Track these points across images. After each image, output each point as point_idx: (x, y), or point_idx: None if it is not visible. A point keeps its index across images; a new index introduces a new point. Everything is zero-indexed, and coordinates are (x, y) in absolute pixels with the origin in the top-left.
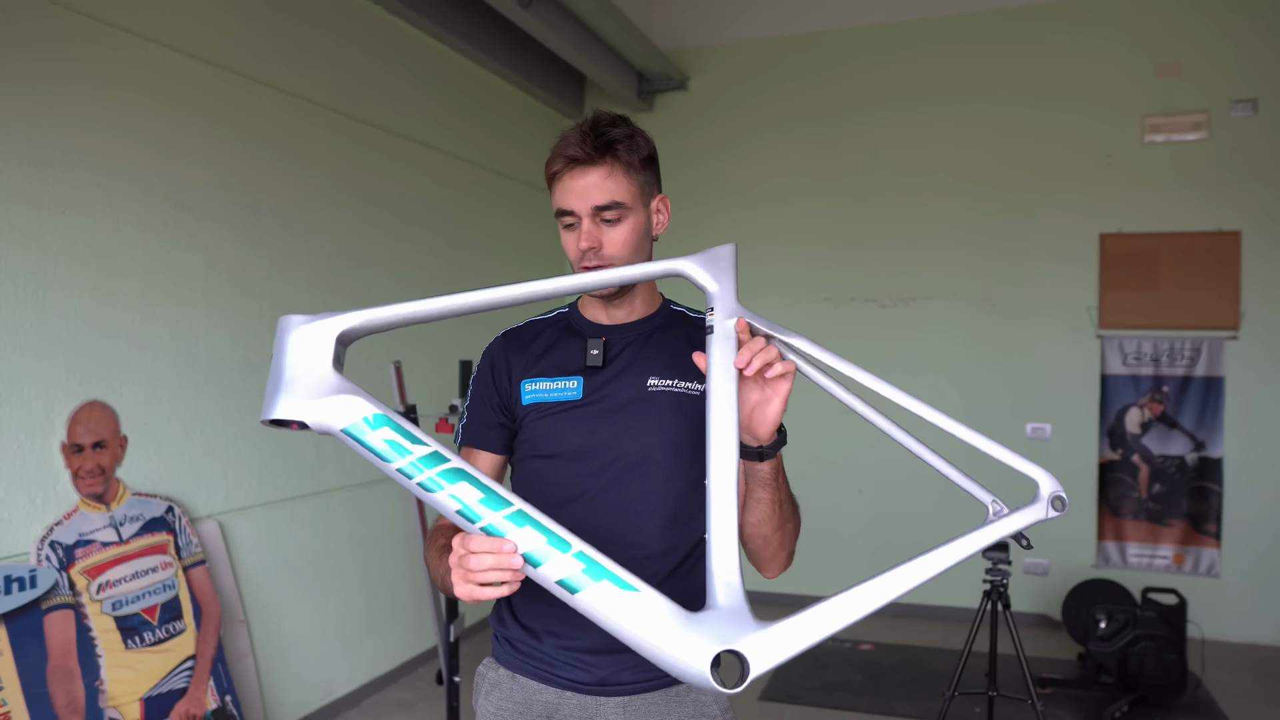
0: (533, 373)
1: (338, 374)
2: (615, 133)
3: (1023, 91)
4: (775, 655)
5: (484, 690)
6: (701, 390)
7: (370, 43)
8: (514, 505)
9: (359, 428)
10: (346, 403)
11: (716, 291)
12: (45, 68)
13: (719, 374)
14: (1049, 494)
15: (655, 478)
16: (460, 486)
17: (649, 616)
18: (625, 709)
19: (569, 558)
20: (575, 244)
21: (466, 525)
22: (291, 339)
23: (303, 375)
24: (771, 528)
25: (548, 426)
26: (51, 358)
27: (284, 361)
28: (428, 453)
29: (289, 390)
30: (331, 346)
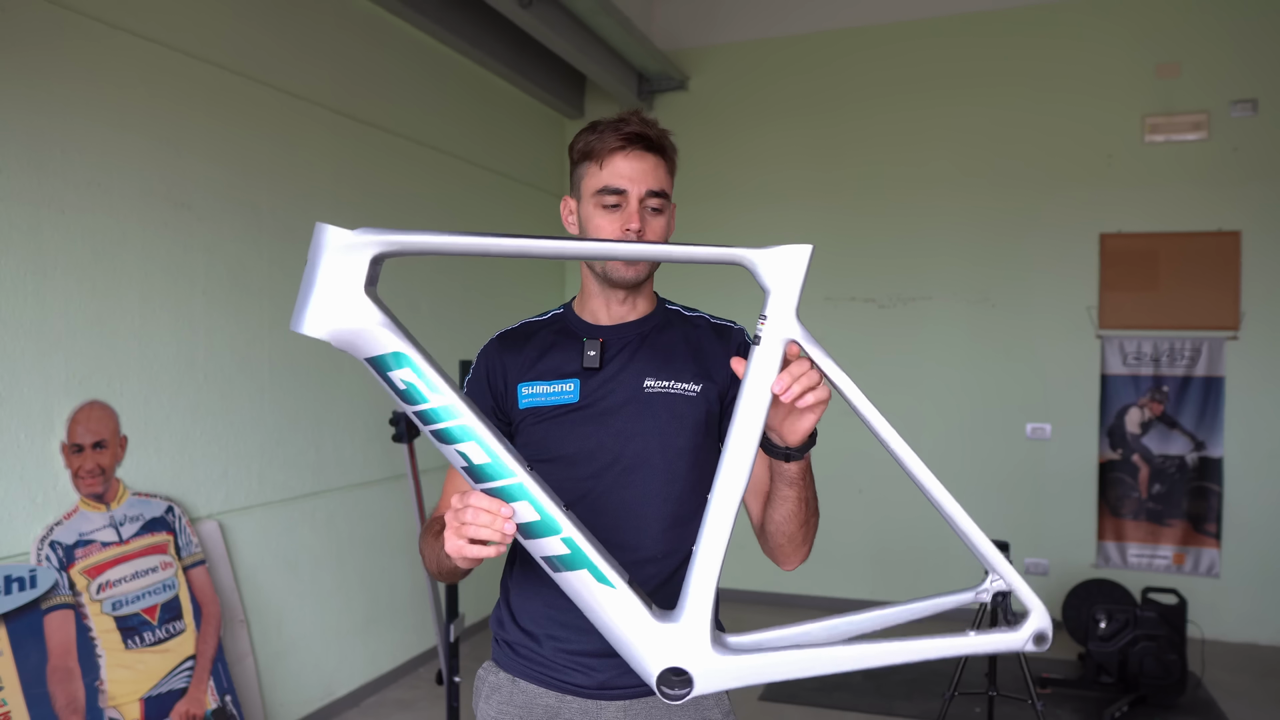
0: (529, 376)
1: (370, 299)
2: (664, 129)
3: (1023, 91)
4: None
5: (484, 694)
6: (697, 391)
7: (370, 43)
8: (516, 477)
9: (383, 361)
10: (375, 333)
11: (777, 297)
12: (45, 66)
13: (752, 391)
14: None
15: (654, 480)
16: (470, 445)
17: (618, 614)
18: (626, 713)
19: (556, 540)
20: (619, 225)
21: (470, 482)
22: (327, 252)
23: (335, 293)
24: (796, 524)
25: (545, 430)
26: (51, 358)
27: (316, 275)
28: (443, 404)
29: (320, 306)
30: (366, 267)
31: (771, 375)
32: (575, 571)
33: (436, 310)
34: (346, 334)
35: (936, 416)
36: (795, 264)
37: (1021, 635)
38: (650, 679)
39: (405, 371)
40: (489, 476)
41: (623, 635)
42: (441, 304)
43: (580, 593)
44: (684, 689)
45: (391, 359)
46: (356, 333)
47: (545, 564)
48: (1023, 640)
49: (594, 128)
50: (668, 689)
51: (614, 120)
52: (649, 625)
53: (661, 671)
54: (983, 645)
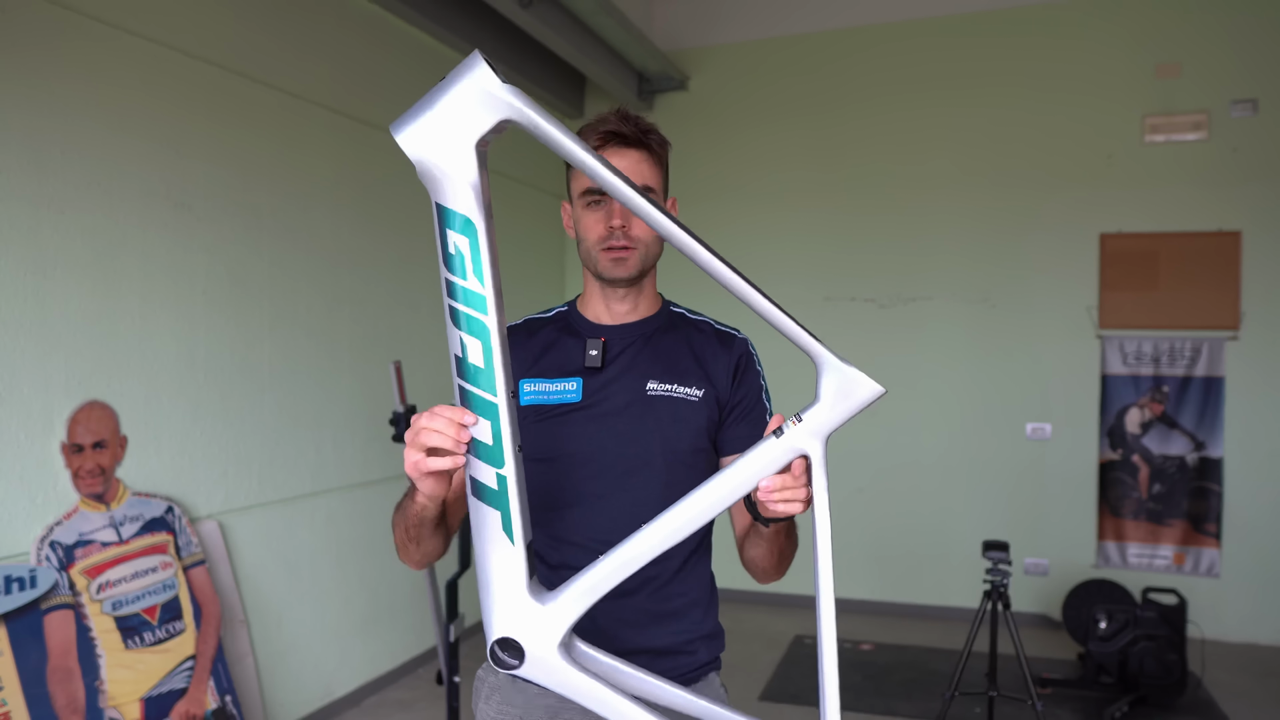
0: (531, 373)
1: (476, 152)
2: (646, 123)
3: (1023, 91)
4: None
5: (484, 694)
6: (700, 396)
7: (370, 43)
8: (496, 396)
9: (450, 215)
10: (460, 187)
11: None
12: (45, 67)
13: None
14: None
15: (653, 483)
16: (474, 342)
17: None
18: None
19: (492, 472)
20: (604, 222)
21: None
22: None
23: (449, 126)
24: (770, 564)
25: (546, 429)
26: (51, 358)
27: (444, 99)
28: (476, 291)
29: (428, 128)
30: (492, 121)
31: (772, 468)
32: (489, 508)
33: (436, 311)
34: (435, 169)
35: (936, 416)
36: (858, 392)
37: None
38: (491, 636)
39: (463, 240)
40: (473, 381)
41: (492, 589)
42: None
43: (481, 529)
44: (514, 662)
45: (458, 218)
46: (445, 175)
47: (470, 484)
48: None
49: (579, 131)
50: (500, 653)
51: (596, 119)
52: (519, 592)
53: (504, 636)
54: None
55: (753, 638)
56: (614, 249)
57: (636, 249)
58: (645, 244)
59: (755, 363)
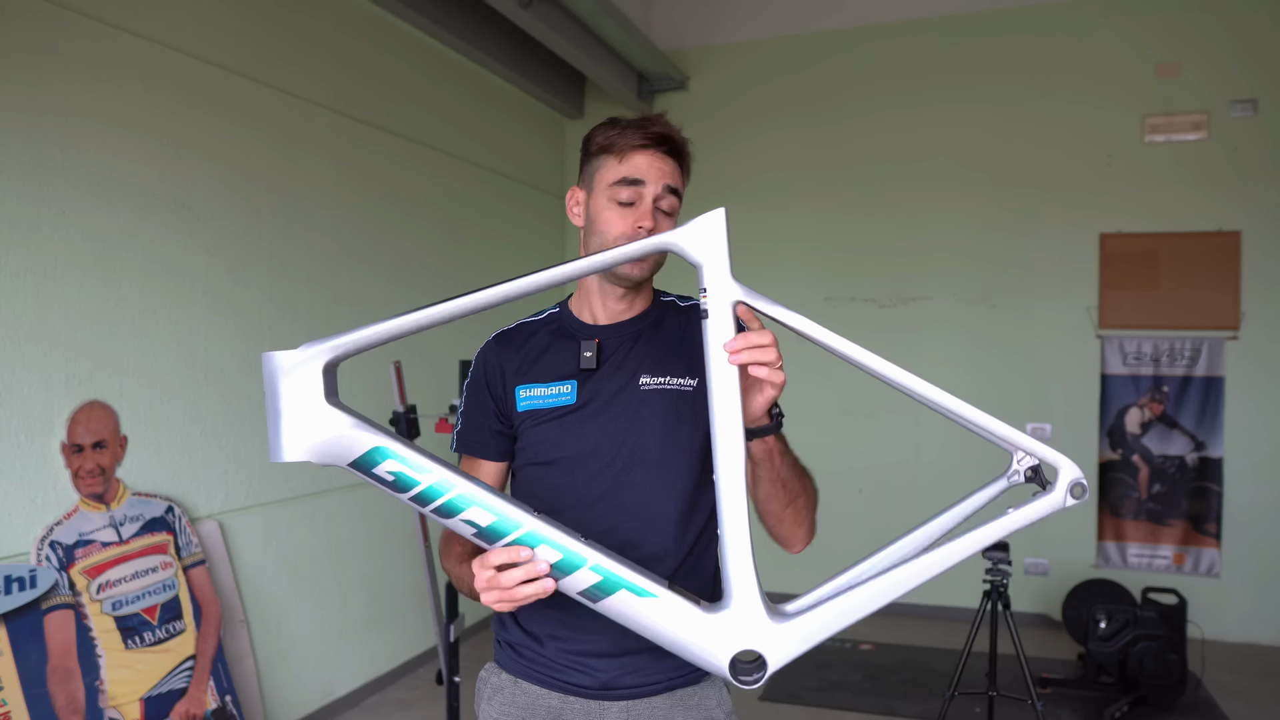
0: (526, 378)
1: (333, 406)
2: (685, 137)
3: (1023, 91)
4: (790, 651)
5: (486, 696)
6: (694, 386)
7: (370, 43)
8: (524, 526)
9: (364, 461)
10: (348, 438)
11: (709, 266)
12: (45, 67)
13: (718, 364)
14: (1070, 481)
15: (655, 477)
16: (473, 511)
17: (670, 620)
18: (629, 713)
19: (586, 572)
20: (631, 220)
21: (484, 545)
22: (280, 378)
23: (299, 414)
24: (779, 504)
25: (544, 433)
26: (51, 358)
27: (278, 402)
28: (435, 481)
29: (289, 431)
30: (320, 379)
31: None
32: (615, 595)
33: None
34: (323, 447)
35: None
36: (714, 230)
37: (1058, 494)
38: (723, 671)
39: (389, 463)
40: (502, 533)
41: (681, 638)
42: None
43: (627, 614)
44: (758, 671)
45: (373, 455)
46: (332, 442)
47: (584, 598)
48: (1061, 498)
49: (615, 123)
50: (744, 676)
51: (639, 119)
52: (704, 620)
53: (731, 660)
54: (1027, 516)
55: None
56: None
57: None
58: None
59: None
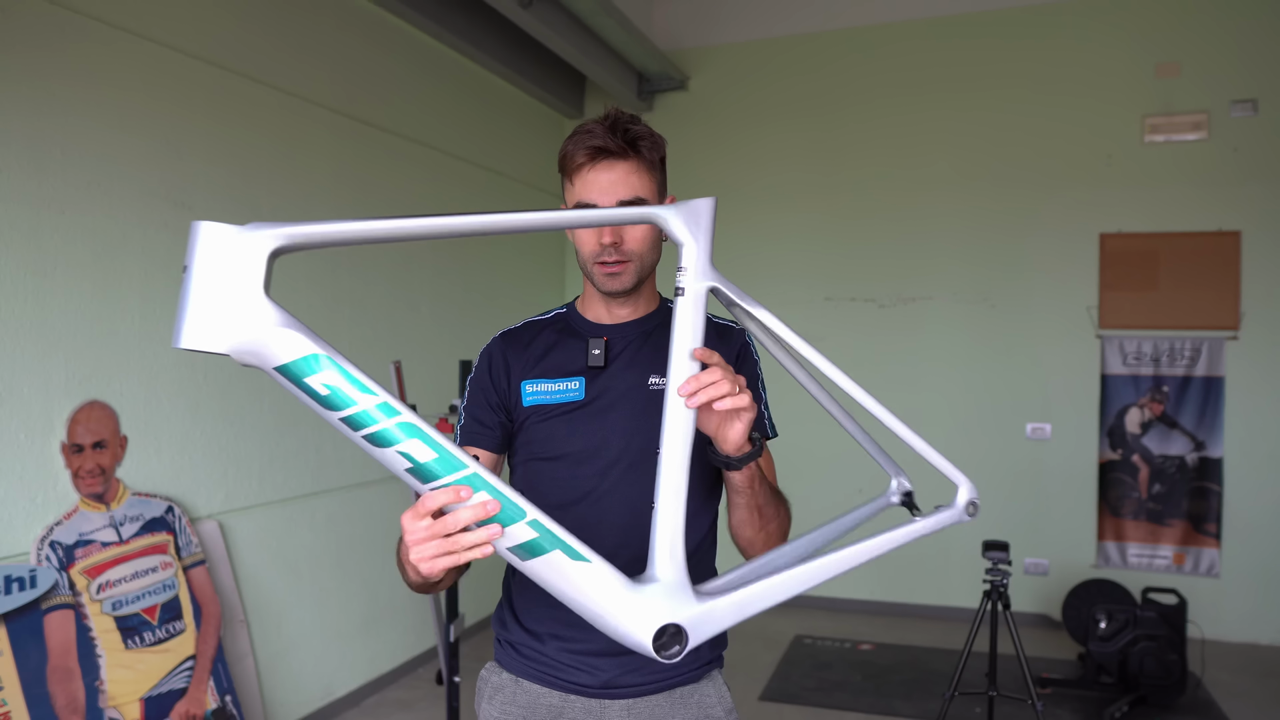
0: (533, 374)
1: (270, 301)
2: (637, 129)
3: (1022, 91)
4: (710, 628)
5: (486, 695)
6: None
7: (370, 43)
8: (469, 468)
9: (294, 368)
10: (281, 338)
11: (690, 248)
12: (45, 67)
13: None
14: (965, 500)
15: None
16: (413, 444)
17: (596, 587)
18: (630, 711)
19: (523, 526)
20: (595, 238)
21: (417, 485)
22: (212, 251)
23: (229, 298)
24: (752, 530)
25: (551, 428)
26: (51, 358)
27: (207, 278)
28: (377, 403)
29: (208, 314)
30: (264, 265)
31: (700, 328)
32: (547, 555)
33: (436, 311)
34: (251, 343)
35: (936, 417)
36: (701, 217)
37: (958, 509)
38: (644, 647)
39: (325, 375)
40: (440, 473)
41: (604, 610)
42: (442, 305)
43: (553, 577)
44: (676, 645)
45: (308, 363)
46: (261, 340)
47: (513, 555)
48: (959, 512)
49: (571, 135)
50: (663, 650)
51: (583, 131)
52: (628, 593)
53: (654, 634)
54: (930, 526)
55: (753, 638)
56: (607, 264)
57: (631, 262)
58: (640, 255)
59: (753, 353)
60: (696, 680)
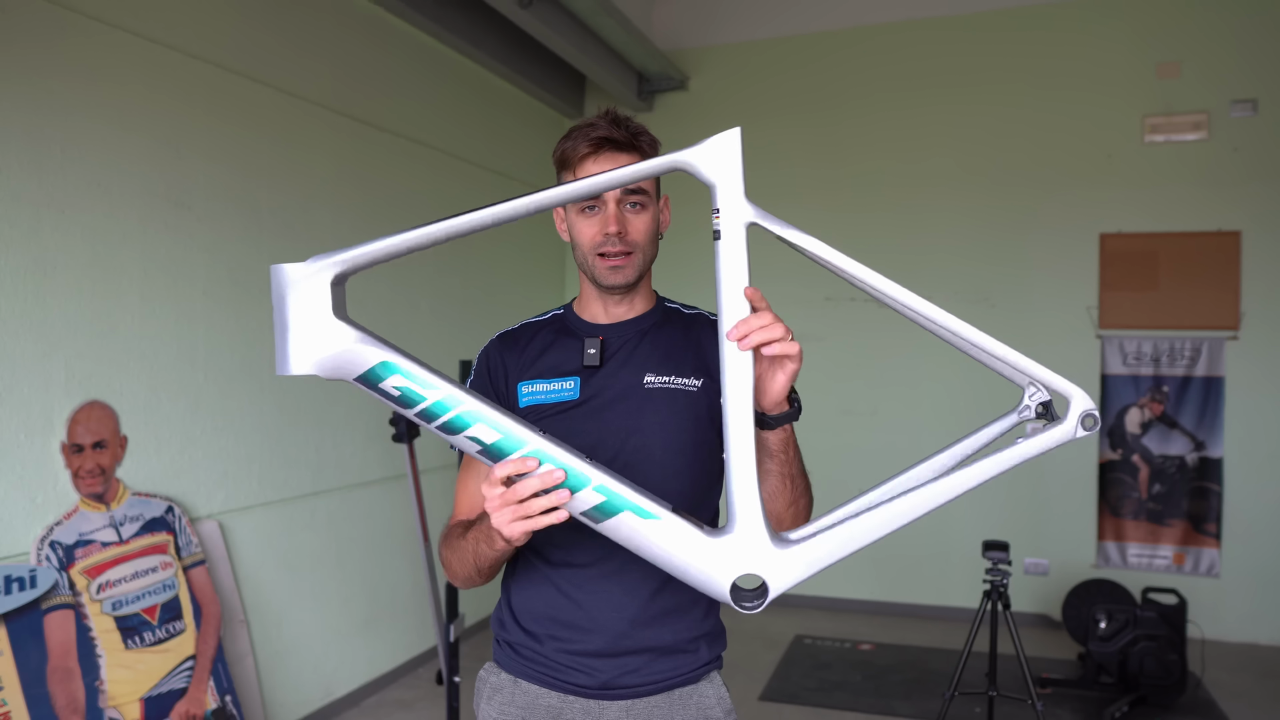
0: (529, 375)
1: (340, 320)
2: (637, 125)
3: (1022, 91)
4: (793, 576)
5: (485, 695)
6: (698, 386)
7: (370, 43)
8: (530, 444)
9: (371, 375)
10: (355, 352)
11: (723, 187)
12: (45, 66)
13: (729, 285)
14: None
15: (655, 476)
16: (478, 428)
17: (672, 542)
18: (629, 712)
19: (590, 492)
20: (599, 229)
21: (487, 463)
22: (289, 291)
23: (306, 327)
24: (784, 503)
25: (546, 428)
26: (51, 358)
27: (286, 314)
28: (440, 397)
29: (297, 344)
30: (329, 292)
31: (743, 268)
32: (618, 516)
33: (437, 310)
34: (330, 360)
35: (936, 416)
36: (729, 150)
37: (1069, 424)
38: (724, 596)
39: (395, 378)
40: (507, 450)
41: (683, 561)
42: (441, 304)
43: (629, 536)
44: (758, 598)
45: (380, 370)
46: (339, 356)
47: (586, 519)
48: (1072, 428)
49: (569, 134)
50: (745, 602)
51: (584, 125)
52: (706, 544)
53: (732, 585)
54: (1037, 446)
55: (753, 638)
56: (610, 255)
57: (634, 254)
58: (642, 248)
59: None
60: (695, 681)
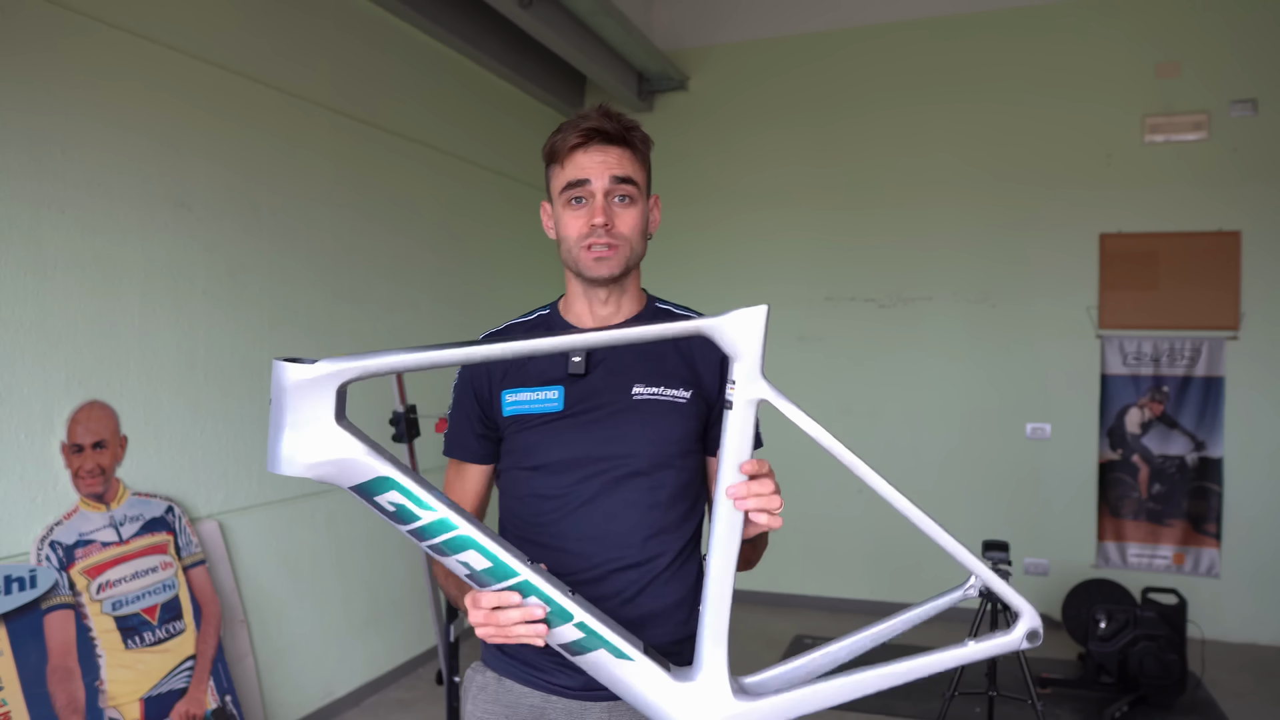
0: (513, 382)
1: (341, 428)
2: (629, 120)
3: (1022, 91)
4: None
5: (471, 694)
6: (687, 398)
7: (370, 43)
8: (519, 575)
9: (368, 488)
10: (356, 463)
11: (741, 362)
12: (45, 66)
13: (731, 455)
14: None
15: (639, 488)
16: (469, 554)
17: (639, 684)
18: (611, 713)
19: (570, 627)
20: (585, 220)
21: (474, 587)
22: (290, 391)
23: (306, 431)
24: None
25: (530, 438)
26: (51, 358)
27: (284, 415)
28: (435, 519)
29: (292, 445)
30: (333, 399)
31: (748, 439)
32: (594, 653)
33: (437, 310)
34: (328, 467)
35: (936, 416)
36: (753, 326)
37: (1016, 635)
38: None
39: (393, 494)
40: (495, 579)
41: (648, 702)
42: (441, 303)
43: (601, 670)
44: None
45: (378, 484)
46: (338, 464)
47: (564, 650)
48: (1018, 640)
49: (558, 128)
50: None
51: (575, 118)
52: (671, 689)
53: None
54: (983, 651)
55: (753, 638)
56: (596, 246)
57: (620, 246)
58: (629, 241)
59: None
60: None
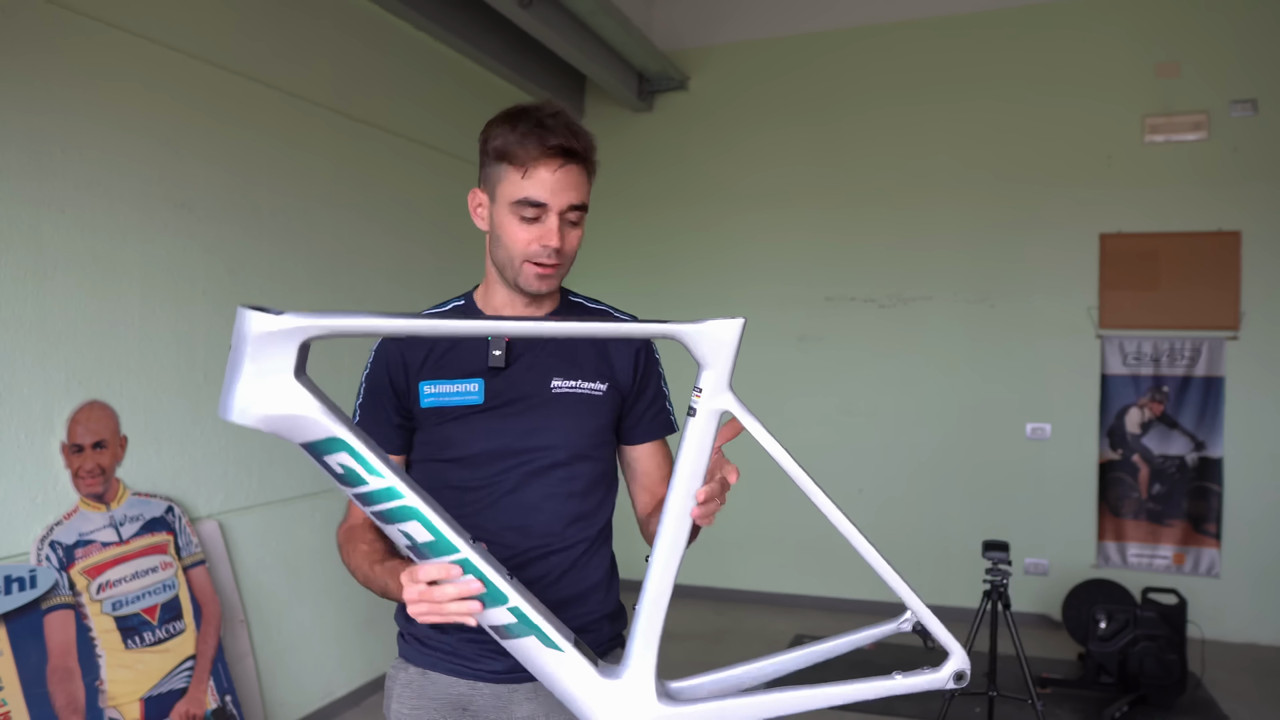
0: (431, 374)
1: (300, 384)
2: (588, 138)
3: (1022, 91)
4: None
5: (395, 693)
6: (603, 391)
7: (370, 43)
8: (461, 552)
9: (319, 447)
10: (309, 421)
11: (709, 371)
12: (45, 66)
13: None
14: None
15: (558, 478)
16: (412, 525)
17: (566, 674)
18: (536, 693)
19: (504, 610)
20: (536, 239)
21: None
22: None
23: (263, 380)
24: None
25: (449, 431)
26: (51, 358)
27: (243, 362)
28: (382, 486)
29: (246, 394)
30: (295, 353)
31: (706, 448)
32: (524, 638)
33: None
34: (279, 421)
35: (936, 416)
36: (726, 337)
37: (943, 674)
38: None
39: (342, 455)
40: (435, 553)
41: (572, 695)
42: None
43: (528, 657)
44: None
45: (329, 444)
46: (289, 419)
47: (494, 632)
48: (944, 679)
49: (513, 124)
50: None
51: (536, 126)
52: (595, 685)
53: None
54: (908, 686)
55: (753, 637)
56: (544, 266)
57: (562, 265)
58: (570, 258)
59: (654, 351)
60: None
